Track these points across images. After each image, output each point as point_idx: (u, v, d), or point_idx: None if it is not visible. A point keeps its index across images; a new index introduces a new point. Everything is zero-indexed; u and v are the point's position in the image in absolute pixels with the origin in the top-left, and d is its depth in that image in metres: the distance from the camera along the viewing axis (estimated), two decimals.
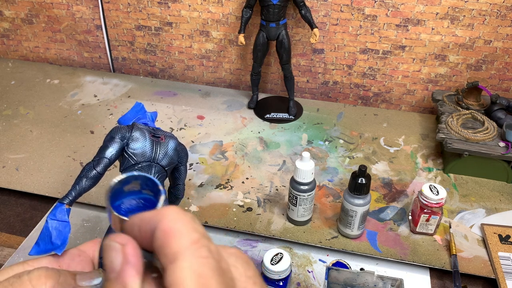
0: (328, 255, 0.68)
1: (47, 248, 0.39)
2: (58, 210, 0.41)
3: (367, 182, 0.64)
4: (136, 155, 0.46)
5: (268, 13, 0.89)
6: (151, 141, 0.48)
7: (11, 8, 1.13)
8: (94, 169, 0.45)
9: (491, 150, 0.78)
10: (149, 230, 0.24)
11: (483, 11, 0.88)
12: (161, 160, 0.48)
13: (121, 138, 0.47)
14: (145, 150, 0.47)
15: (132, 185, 0.31)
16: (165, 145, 0.49)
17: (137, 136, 0.47)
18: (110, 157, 0.46)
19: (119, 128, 0.48)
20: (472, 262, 0.66)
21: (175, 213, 0.24)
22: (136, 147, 0.47)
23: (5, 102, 1.03)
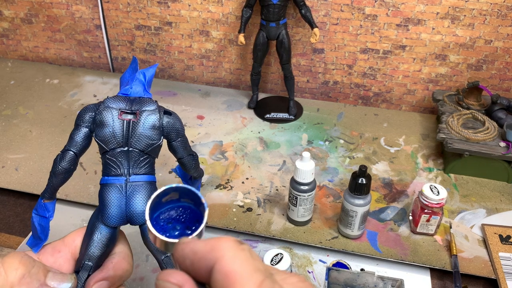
0: (328, 255, 0.68)
1: (35, 242, 0.38)
2: (39, 206, 0.40)
3: (367, 182, 0.63)
4: (105, 142, 0.40)
5: (268, 13, 0.89)
6: (120, 123, 0.39)
7: (10, 8, 1.13)
8: (59, 164, 0.39)
9: (492, 150, 0.78)
10: (204, 267, 0.23)
11: (484, 10, 0.88)
12: (136, 144, 0.40)
13: (85, 124, 0.40)
14: (112, 136, 0.39)
15: (171, 195, 0.30)
16: (139, 125, 0.40)
17: (101, 120, 0.39)
18: (76, 148, 0.40)
19: (82, 112, 0.40)
20: (472, 263, 0.66)
21: (232, 251, 0.23)
22: (102, 133, 0.39)
23: (4, 102, 1.03)
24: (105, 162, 0.41)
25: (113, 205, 0.39)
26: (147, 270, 0.65)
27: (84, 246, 0.38)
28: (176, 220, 0.30)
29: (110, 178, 0.40)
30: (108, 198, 0.39)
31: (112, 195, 0.39)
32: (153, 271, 0.65)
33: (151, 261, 0.66)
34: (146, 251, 0.68)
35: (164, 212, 0.30)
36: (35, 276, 0.32)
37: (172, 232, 0.30)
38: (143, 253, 0.68)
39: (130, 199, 0.39)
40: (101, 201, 0.40)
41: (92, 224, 0.39)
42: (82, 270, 0.37)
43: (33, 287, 0.32)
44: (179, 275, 0.24)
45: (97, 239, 0.38)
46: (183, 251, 0.25)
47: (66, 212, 0.74)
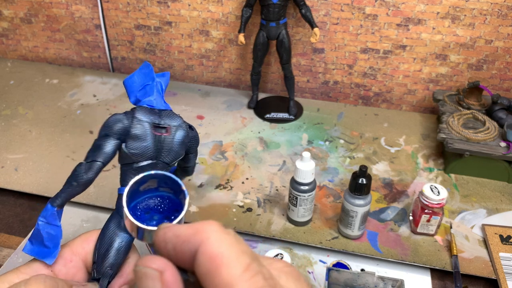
0: (328, 255, 0.68)
1: (40, 250, 0.36)
2: (49, 214, 0.38)
3: (367, 182, 0.63)
4: (135, 155, 0.40)
5: (268, 13, 0.89)
6: (153, 138, 0.40)
7: (10, 8, 1.13)
8: (86, 175, 0.40)
9: (492, 150, 0.78)
10: (187, 250, 0.22)
11: (484, 10, 0.88)
12: (165, 157, 0.41)
13: (118, 135, 0.39)
14: (146, 150, 0.40)
15: (149, 183, 0.29)
16: (170, 140, 0.41)
17: (137, 134, 0.39)
18: (104, 159, 0.39)
19: (113, 122, 0.40)
20: (473, 263, 0.66)
21: (218, 233, 0.22)
22: (136, 146, 0.40)
23: (4, 102, 1.03)
24: (131, 172, 0.41)
25: None
26: None
27: (103, 253, 0.38)
28: (154, 210, 0.30)
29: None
30: None
31: None
32: None
33: None
34: (145, 251, 0.68)
35: (141, 201, 0.30)
36: None
37: (150, 222, 0.29)
38: (142, 253, 0.67)
39: None
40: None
41: (112, 232, 0.39)
42: (103, 278, 0.37)
43: None
44: (159, 260, 0.23)
45: (119, 246, 0.39)
46: (165, 235, 0.23)
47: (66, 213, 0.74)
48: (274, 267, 0.24)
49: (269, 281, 0.21)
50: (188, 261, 0.22)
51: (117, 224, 0.40)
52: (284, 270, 0.24)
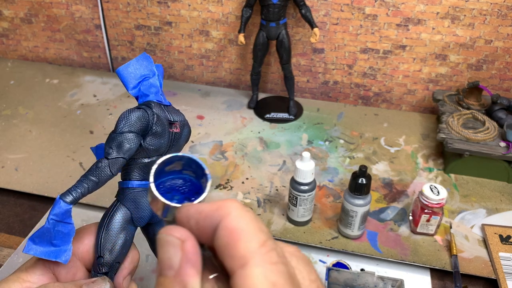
0: (328, 255, 0.68)
1: (48, 250, 0.34)
2: (64, 211, 0.36)
3: (367, 182, 0.63)
4: (151, 151, 0.40)
5: (268, 13, 0.89)
6: (168, 135, 0.41)
7: (10, 8, 1.13)
8: (110, 170, 0.38)
9: (492, 150, 0.78)
10: (209, 225, 0.24)
11: (484, 10, 0.88)
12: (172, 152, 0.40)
13: (142, 132, 0.39)
14: (162, 146, 0.41)
15: (174, 165, 0.30)
16: (179, 136, 0.42)
17: (158, 131, 0.39)
18: (129, 156, 0.38)
19: (139, 118, 0.39)
20: (472, 263, 0.66)
21: (239, 210, 0.24)
22: (154, 143, 0.40)
23: (4, 102, 1.03)
24: (138, 166, 0.40)
25: (147, 208, 0.40)
26: (147, 270, 0.65)
27: (110, 247, 0.38)
28: (176, 190, 0.30)
29: (145, 183, 0.40)
30: (144, 201, 0.40)
31: (146, 199, 0.40)
32: (153, 271, 0.65)
33: (151, 261, 0.66)
34: (145, 251, 0.68)
35: (165, 181, 0.30)
36: None
37: (171, 201, 0.29)
38: (143, 253, 0.67)
39: None
40: (135, 204, 0.40)
41: (120, 226, 0.39)
42: (112, 271, 0.37)
43: None
44: (182, 230, 0.24)
45: (127, 240, 0.39)
46: (188, 211, 0.25)
47: None
48: (286, 250, 0.25)
49: (282, 258, 0.22)
50: (208, 235, 0.24)
51: (123, 218, 0.40)
52: (296, 254, 0.25)
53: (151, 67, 0.42)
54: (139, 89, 0.41)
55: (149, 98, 0.41)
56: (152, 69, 0.42)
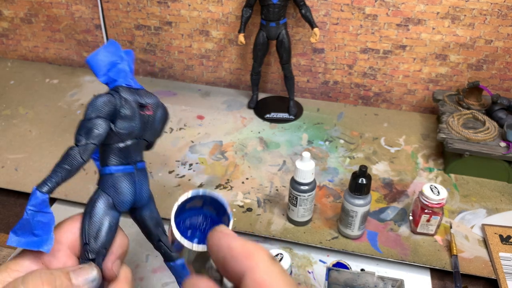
0: (328, 255, 0.68)
1: (30, 241, 0.34)
2: (40, 201, 0.36)
3: (367, 182, 0.63)
4: (123, 134, 0.40)
5: (268, 13, 0.89)
6: (140, 118, 0.41)
7: (10, 8, 1.13)
8: (81, 157, 0.38)
9: (492, 150, 0.78)
10: (236, 268, 0.25)
11: (484, 10, 0.88)
12: (148, 136, 0.43)
13: (109, 116, 0.39)
14: (133, 129, 0.40)
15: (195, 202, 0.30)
16: (153, 119, 0.42)
17: (127, 114, 0.40)
18: (99, 141, 0.38)
19: (101, 104, 0.39)
20: (473, 263, 0.66)
21: (268, 263, 0.25)
22: (125, 126, 0.40)
23: (4, 102, 1.03)
24: (114, 151, 0.41)
25: (128, 193, 0.40)
26: (147, 270, 0.65)
27: (95, 234, 0.38)
28: (197, 228, 0.30)
29: (122, 168, 0.40)
30: (123, 186, 0.40)
31: (127, 184, 0.40)
32: (153, 271, 0.65)
33: (151, 261, 0.66)
34: (146, 251, 0.68)
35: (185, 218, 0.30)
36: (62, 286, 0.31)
37: (191, 239, 0.29)
38: (143, 253, 0.68)
39: (140, 185, 0.41)
40: (115, 189, 0.40)
41: (103, 212, 0.40)
42: (99, 257, 0.37)
43: None
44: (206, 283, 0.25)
45: (111, 225, 0.39)
46: (219, 241, 0.26)
47: (66, 212, 0.74)
48: None
49: None
50: (233, 276, 0.25)
51: (105, 204, 0.40)
52: None
53: (119, 53, 0.42)
54: (108, 76, 0.42)
55: (117, 83, 0.41)
56: (120, 55, 0.43)
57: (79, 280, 0.33)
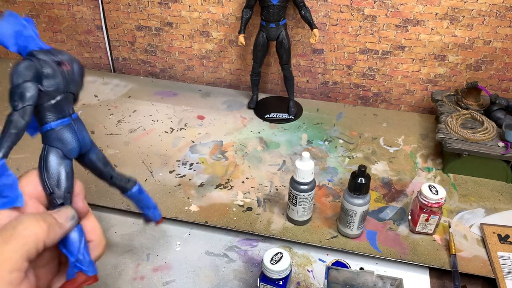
0: (328, 254, 0.68)
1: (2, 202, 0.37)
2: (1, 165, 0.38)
3: (366, 182, 0.64)
4: (52, 92, 0.44)
5: (268, 14, 0.89)
6: (61, 74, 0.45)
7: (11, 9, 1.13)
8: (23, 119, 0.42)
9: (491, 150, 0.79)
10: None
11: (483, 11, 0.89)
12: (72, 89, 0.47)
13: (35, 78, 0.43)
14: (58, 85, 0.44)
15: None
16: (72, 72, 0.46)
17: (49, 73, 0.44)
18: (33, 102, 0.43)
19: (27, 68, 0.43)
20: (471, 262, 0.66)
21: None
22: (51, 84, 0.44)
23: (6, 102, 1.03)
24: (48, 109, 0.45)
25: (73, 141, 0.45)
26: (148, 269, 0.65)
27: (56, 183, 0.43)
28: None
29: (60, 121, 0.45)
30: (67, 136, 0.45)
31: (69, 134, 0.45)
32: (154, 270, 0.65)
33: (152, 260, 0.67)
34: (146, 250, 0.68)
35: None
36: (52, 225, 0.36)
37: None
38: (143, 252, 0.68)
39: (81, 133, 0.47)
40: (60, 141, 0.45)
41: (56, 163, 0.45)
42: (66, 201, 0.42)
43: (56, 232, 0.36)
44: None
45: (67, 172, 0.44)
46: None
47: None
48: None
49: None
50: None
51: (56, 156, 0.46)
52: None
53: (20, 21, 0.45)
54: (18, 44, 0.44)
55: (29, 48, 0.44)
56: (22, 23, 0.45)
57: (62, 219, 0.37)
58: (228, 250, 0.69)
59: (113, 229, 0.72)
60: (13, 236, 0.32)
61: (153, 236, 0.71)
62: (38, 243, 0.33)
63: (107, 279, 0.64)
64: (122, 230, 0.72)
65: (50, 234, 0.34)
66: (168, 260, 0.67)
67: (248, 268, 0.66)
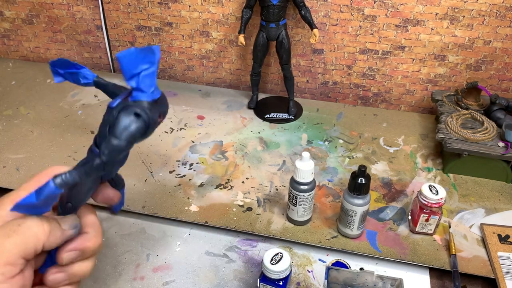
0: (328, 254, 0.68)
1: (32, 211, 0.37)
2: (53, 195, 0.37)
3: (366, 182, 0.64)
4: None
5: (268, 14, 0.89)
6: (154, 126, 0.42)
7: (11, 9, 1.13)
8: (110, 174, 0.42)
9: (491, 150, 0.79)
10: None
11: (483, 11, 0.89)
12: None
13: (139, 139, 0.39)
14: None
15: None
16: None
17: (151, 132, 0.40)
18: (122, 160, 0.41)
19: (139, 130, 0.38)
20: (471, 262, 0.66)
21: None
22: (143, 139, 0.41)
23: (5, 102, 1.03)
24: None
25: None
26: (148, 270, 0.65)
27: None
28: None
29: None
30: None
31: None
32: (154, 270, 0.65)
33: (152, 260, 0.67)
34: (146, 250, 0.68)
35: None
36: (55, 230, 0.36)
37: None
38: (143, 252, 0.68)
39: None
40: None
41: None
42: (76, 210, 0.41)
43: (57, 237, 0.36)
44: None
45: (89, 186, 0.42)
46: None
47: None
48: None
49: None
50: None
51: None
52: None
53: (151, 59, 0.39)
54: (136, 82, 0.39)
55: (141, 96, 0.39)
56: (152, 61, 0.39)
57: (66, 226, 0.38)
58: (228, 250, 0.69)
59: (113, 229, 0.72)
60: (15, 232, 0.33)
61: (153, 236, 0.71)
62: (37, 244, 0.34)
63: (107, 279, 0.64)
64: (122, 230, 0.72)
65: (50, 237, 0.35)
66: (168, 260, 0.67)
67: (248, 268, 0.66)
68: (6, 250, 0.32)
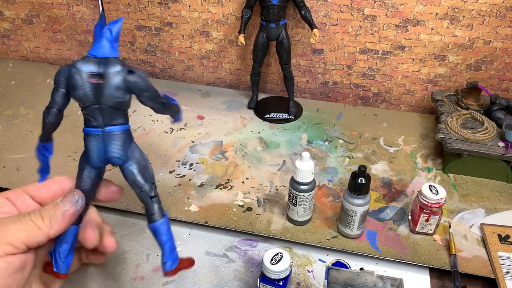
0: (328, 255, 0.68)
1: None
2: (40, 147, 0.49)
3: (366, 182, 0.64)
4: (79, 100, 0.46)
5: (268, 14, 0.89)
6: (90, 85, 0.45)
7: (11, 9, 1.13)
8: (46, 118, 0.47)
9: (491, 150, 0.79)
10: None
11: (483, 11, 0.89)
12: (105, 102, 0.46)
13: (61, 86, 0.46)
14: (86, 95, 0.45)
15: None
16: (105, 86, 0.45)
17: (73, 84, 0.45)
18: (58, 106, 0.46)
19: (57, 75, 0.46)
20: (471, 262, 0.66)
21: None
22: (76, 94, 0.45)
23: (5, 102, 1.03)
24: (84, 115, 0.46)
25: (94, 152, 0.46)
26: (148, 270, 0.65)
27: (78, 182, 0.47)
28: None
29: (90, 129, 0.46)
30: (89, 145, 0.46)
31: (92, 143, 0.46)
32: (154, 271, 0.65)
33: (152, 260, 0.67)
34: (146, 250, 0.68)
35: None
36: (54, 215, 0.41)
37: None
38: (143, 252, 0.68)
39: (107, 147, 0.46)
40: (86, 147, 0.47)
41: (81, 164, 0.48)
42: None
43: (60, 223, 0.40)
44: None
45: (85, 176, 0.47)
46: None
47: None
48: None
49: None
50: None
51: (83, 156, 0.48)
52: None
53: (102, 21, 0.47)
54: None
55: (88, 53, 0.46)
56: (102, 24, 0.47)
57: (66, 205, 0.42)
58: (228, 250, 0.69)
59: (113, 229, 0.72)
60: (21, 221, 0.38)
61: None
62: (38, 236, 0.38)
63: (107, 279, 0.64)
64: (122, 230, 0.72)
65: (53, 226, 0.40)
66: None
67: (248, 268, 0.66)
68: (10, 232, 0.37)
